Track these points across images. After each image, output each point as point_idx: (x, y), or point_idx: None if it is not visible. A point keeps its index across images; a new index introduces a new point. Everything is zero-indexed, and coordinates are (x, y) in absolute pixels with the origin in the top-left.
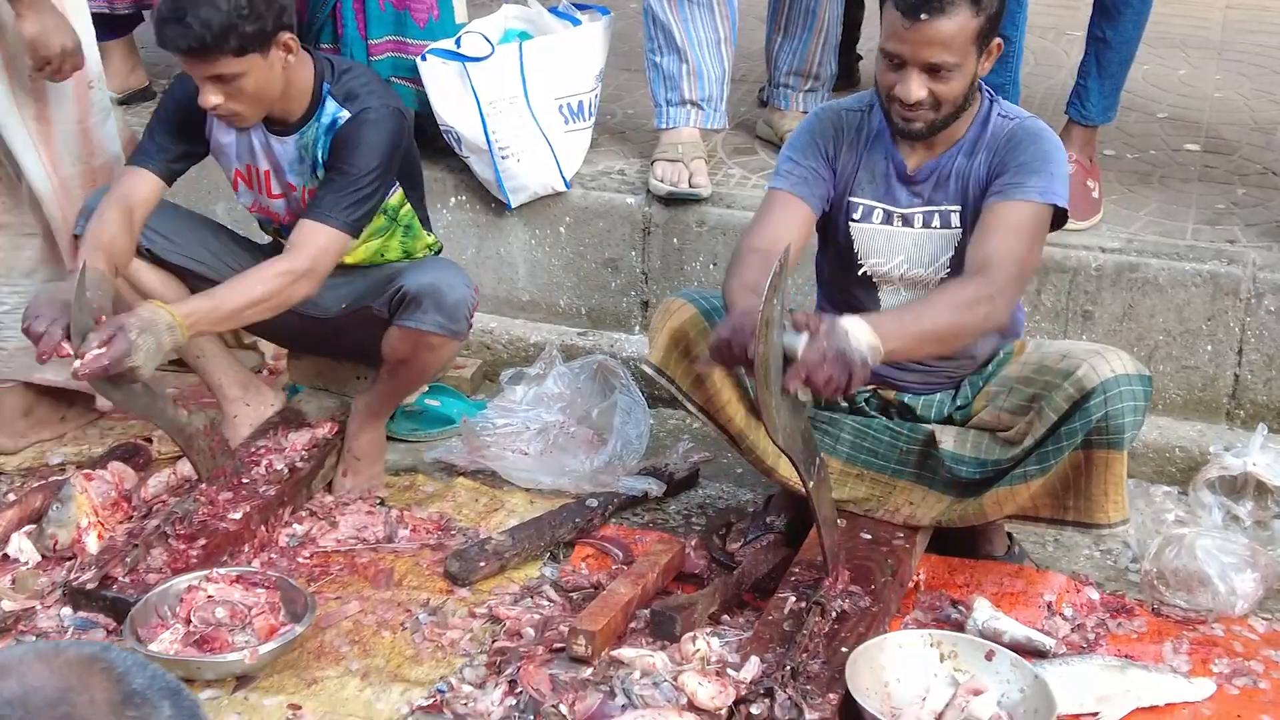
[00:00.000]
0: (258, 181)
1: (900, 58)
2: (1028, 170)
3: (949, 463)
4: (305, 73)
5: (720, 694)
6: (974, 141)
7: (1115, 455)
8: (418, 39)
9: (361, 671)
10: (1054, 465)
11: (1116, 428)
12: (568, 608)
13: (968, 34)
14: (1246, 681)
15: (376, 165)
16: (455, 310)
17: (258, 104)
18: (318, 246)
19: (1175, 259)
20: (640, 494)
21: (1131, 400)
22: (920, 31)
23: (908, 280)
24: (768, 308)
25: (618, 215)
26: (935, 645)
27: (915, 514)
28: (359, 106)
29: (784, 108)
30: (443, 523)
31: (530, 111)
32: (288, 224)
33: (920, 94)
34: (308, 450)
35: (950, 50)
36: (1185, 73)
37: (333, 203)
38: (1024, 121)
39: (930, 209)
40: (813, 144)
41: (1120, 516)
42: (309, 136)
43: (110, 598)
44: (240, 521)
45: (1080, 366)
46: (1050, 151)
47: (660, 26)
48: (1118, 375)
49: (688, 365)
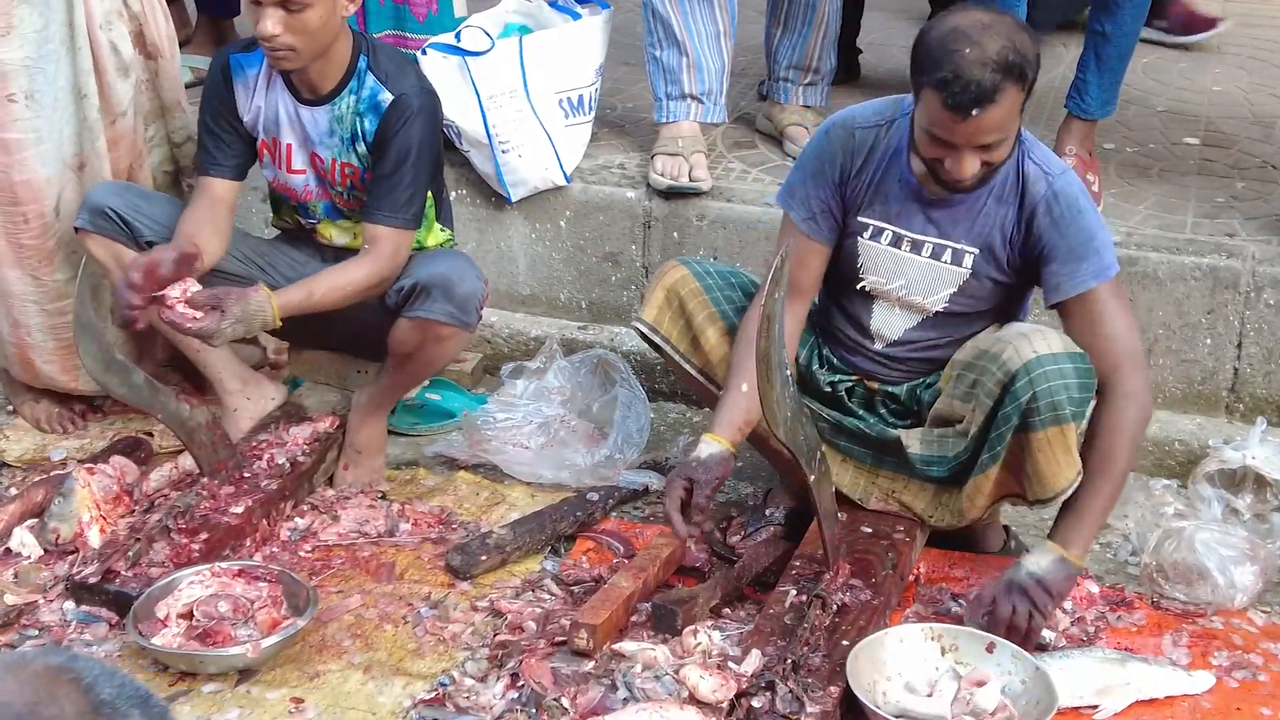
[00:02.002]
0: (279, 155)
1: (950, 143)
2: (1078, 257)
3: (919, 465)
4: (347, 40)
5: (721, 687)
6: (1007, 184)
7: (1056, 431)
8: (417, 33)
9: (364, 665)
10: (1001, 451)
11: (1049, 405)
12: (569, 601)
13: (1017, 107)
14: (1246, 674)
15: (427, 155)
16: (466, 301)
17: (312, 43)
18: (393, 247)
19: (1174, 253)
20: (641, 488)
21: (1060, 379)
22: (974, 125)
23: (904, 303)
24: (769, 302)
25: (618, 209)
26: (936, 639)
27: (905, 500)
28: (398, 89)
29: (784, 102)
30: (444, 516)
31: (530, 106)
32: (305, 202)
33: (975, 169)
34: (309, 444)
35: (1002, 130)
36: (1184, 66)
37: (391, 202)
38: (1055, 183)
39: (944, 242)
40: (821, 170)
41: (1074, 471)
42: (343, 107)
43: (113, 592)
44: (242, 516)
45: (1005, 350)
46: (1091, 224)
47: (660, 20)
48: (1040, 355)
49: (683, 325)
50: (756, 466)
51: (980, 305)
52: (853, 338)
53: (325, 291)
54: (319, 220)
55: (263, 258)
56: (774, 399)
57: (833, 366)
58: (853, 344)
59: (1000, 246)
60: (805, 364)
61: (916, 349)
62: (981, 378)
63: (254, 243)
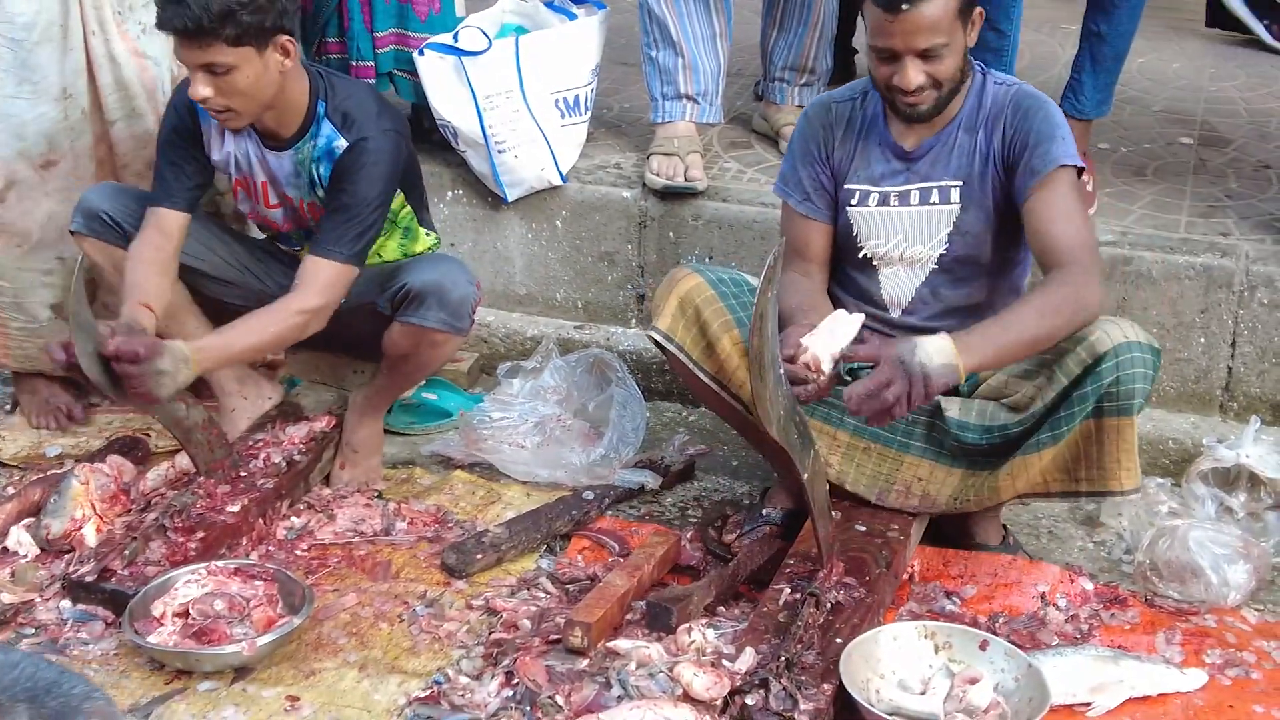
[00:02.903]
0: (255, 191)
1: (891, 50)
2: (1047, 139)
3: (954, 429)
4: (301, 87)
5: (715, 685)
6: (973, 113)
7: (1126, 422)
8: (419, 32)
9: (359, 663)
10: (1066, 433)
11: (1127, 393)
12: (564, 600)
13: (951, 11)
14: (1238, 672)
15: (377, 196)
16: (459, 307)
17: (250, 103)
18: (326, 282)
19: (1169, 252)
20: (636, 487)
21: (1142, 367)
22: (905, 22)
23: (907, 259)
24: (762, 300)
25: (614, 209)
26: (929, 636)
27: (929, 491)
28: (356, 135)
29: (779, 102)
30: (440, 515)
31: (526, 106)
32: (286, 231)
33: (919, 79)
34: (305, 443)
35: (938, 32)
36: (1179, 65)
37: (336, 238)
38: (1021, 87)
39: (928, 185)
40: (807, 150)
41: (1133, 484)
42: (305, 153)
43: (109, 590)
44: (238, 514)
45: (1094, 332)
46: (1055, 114)
47: (656, 21)
48: (1130, 341)
49: (697, 332)
50: (753, 466)
51: (980, 248)
52: (869, 314)
53: (245, 343)
54: (300, 247)
55: (257, 263)
56: (767, 397)
57: None
58: (870, 321)
59: (980, 171)
60: None
61: (932, 313)
62: (1059, 357)
63: (248, 247)
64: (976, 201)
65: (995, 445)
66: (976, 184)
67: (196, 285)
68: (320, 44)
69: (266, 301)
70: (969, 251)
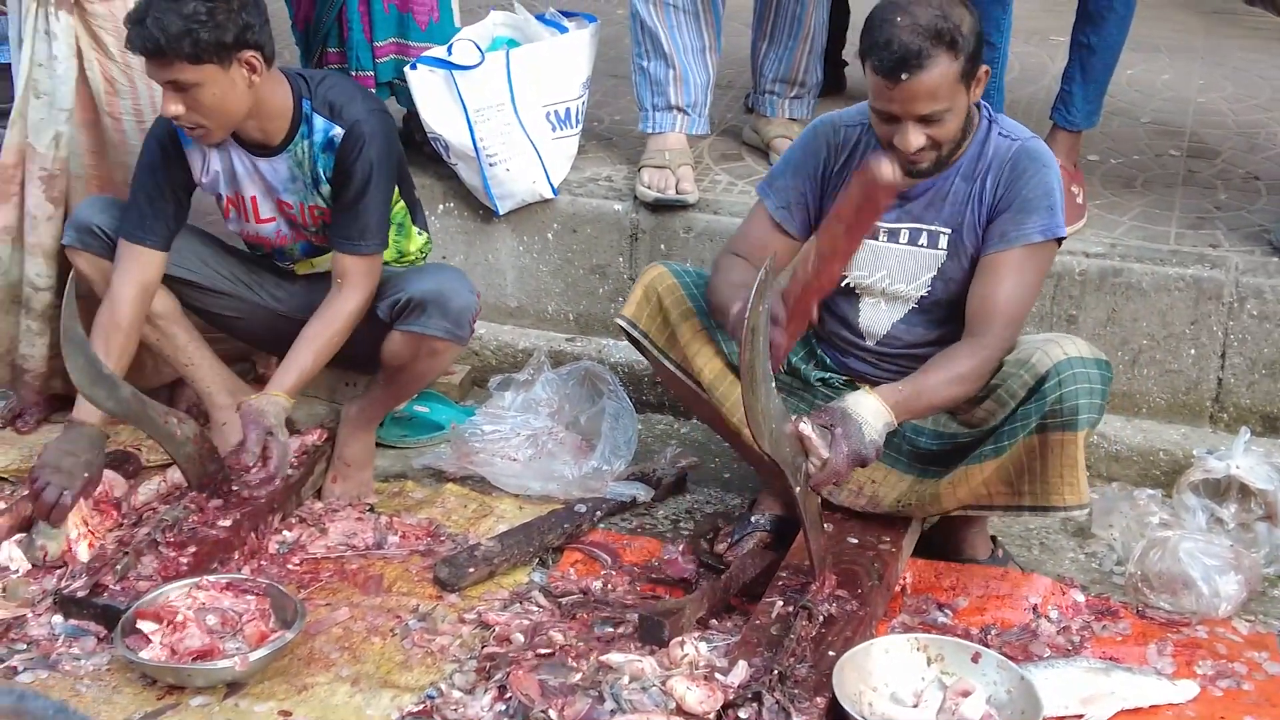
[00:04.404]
0: (245, 208)
1: (890, 114)
2: (1029, 209)
3: (909, 434)
4: (281, 94)
5: (708, 698)
6: (973, 162)
7: (1070, 437)
8: (419, 41)
9: (351, 678)
10: (1009, 447)
11: (1071, 409)
12: (556, 613)
13: (951, 78)
14: (1230, 683)
15: (384, 179)
16: (460, 316)
17: (220, 118)
18: (362, 275)
19: (1159, 263)
20: (629, 499)
21: (1086, 382)
22: (905, 90)
23: (889, 294)
24: (754, 315)
25: (605, 222)
26: (922, 649)
27: (878, 494)
28: (348, 120)
29: (770, 115)
30: (432, 529)
31: (518, 119)
32: (280, 247)
33: (920, 142)
34: (297, 457)
35: (938, 99)
36: (1168, 77)
37: (359, 230)
38: (1026, 144)
39: (918, 227)
40: (804, 163)
41: (1077, 500)
42: (300, 153)
43: (101, 605)
44: (230, 529)
45: (1034, 354)
46: (1051, 182)
47: (648, 32)
48: (1070, 358)
49: (661, 321)
50: (744, 478)
51: (961, 294)
52: (845, 338)
53: (315, 358)
54: (296, 261)
55: (249, 274)
56: (759, 411)
57: (824, 365)
58: (845, 345)
59: (970, 220)
60: (796, 362)
61: (906, 345)
62: (1006, 381)
63: (240, 258)
64: (962, 250)
65: (946, 451)
66: (965, 233)
67: (187, 297)
68: (321, 54)
69: (259, 313)
70: (950, 296)
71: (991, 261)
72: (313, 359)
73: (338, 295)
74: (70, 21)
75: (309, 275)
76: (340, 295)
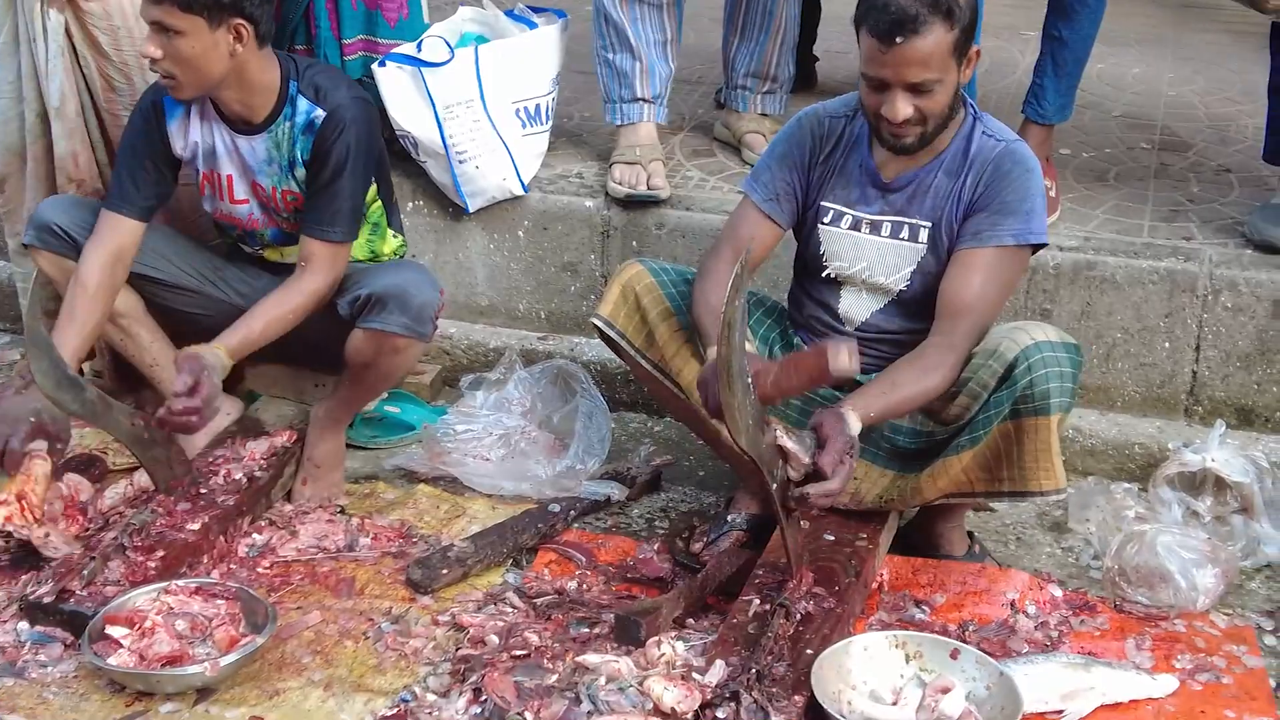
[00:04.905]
0: (219, 186)
1: (882, 80)
2: (1007, 211)
3: (887, 432)
4: (271, 72)
5: (686, 698)
6: (957, 158)
7: (1043, 422)
8: (388, 38)
9: (324, 682)
10: (984, 436)
11: (1041, 394)
12: (531, 614)
13: (945, 48)
14: (1209, 677)
15: (361, 167)
16: (421, 312)
17: (192, 74)
18: (327, 262)
19: (1132, 256)
20: (603, 498)
21: (1056, 366)
22: (898, 54)
23: (870, 285)
24: (729, 309)
25: (576, 219)
26: (900, 646)
27: (860, 490)
28: (331, 104)
29: (741, 109)
30: (404, 530)
31: (487, 115)
32: (249, 231)
33: (907, 112)
34: (266, 459)
35: (930, 68)
36: (1139, 71)
37: (330, 217)
38: (1010, 146)
39: (900, 219)
40: (789, 154)
41: (1053, 485)
42: (280, 134)
43: (68, 611)
44: (199, 532)
45: (1002, 343)
46: (1031, 188)
47: (612, 25)
48: (1038, 342)
49: (639, 320)
50: (719, 475)
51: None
52: (825, 321)
53: (265, 327)
54: (265, 247)
55: (215, 272)
56: (735, 407)
57: None
58: (825, 330)
59: (950, 216)
60: (773, 353)
61: (884, 333)
62: (976, 373)
63: (206, 256)
64: (941, 246)
65: (923, 448)
66: (944, 229)
67: (151, 294)
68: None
69: (225, 310)
70: (929, 291)
71: (963, 257)
72: (261, 327)
73: (299, 276)
74: (60, 20)
75: (277, 272)
76: (302, 277)
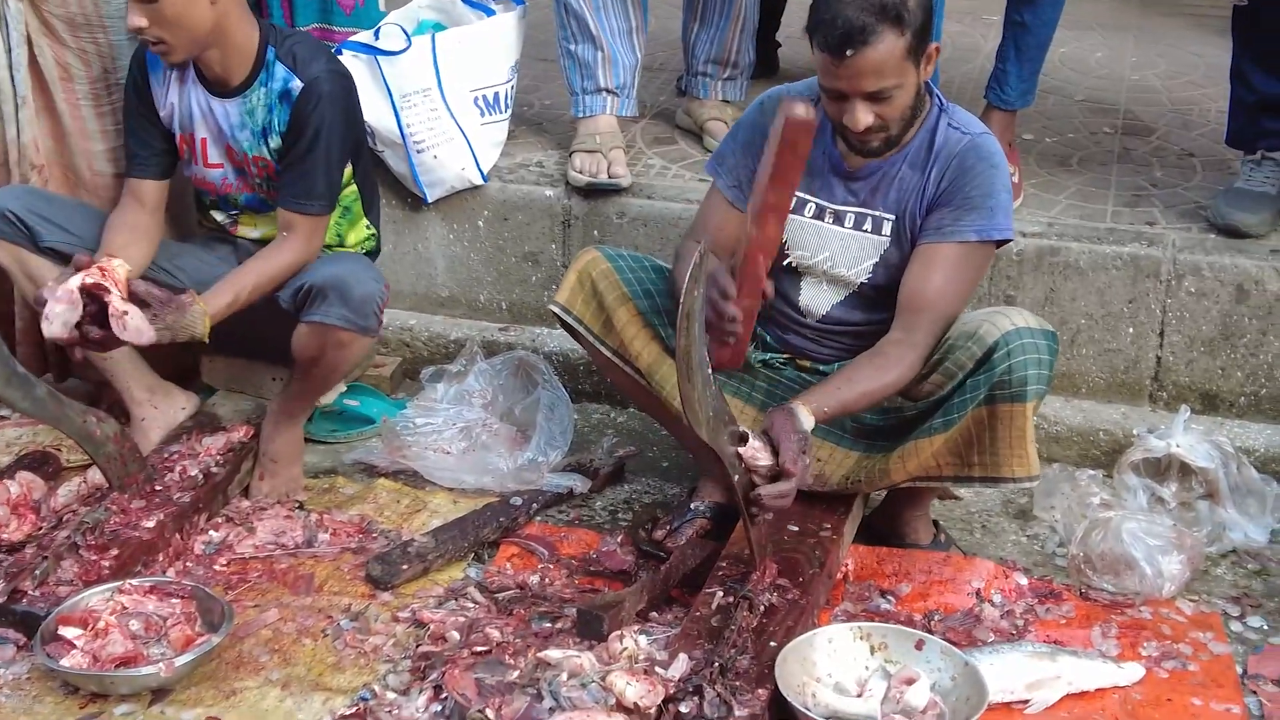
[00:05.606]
0: (194, 150)
1: (839, 91)
2: (970, 206)
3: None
4: (249, 32)
5: (649, 693)
6: (921, 151)
7: (1019, 408)
8: (344, 25)
9: (282, 681)
10: (958, 420)
11: (1019, 380)
12: (493, 609)
13: (898, 54)
14: (1175, 664)
15: (337, 141)
16: (363, 305)
17: (181, 33)
18: (304, 234)
19: (1095, 242)
20: (565, 491)
21: (1035, 353)
22: (851, 66)
23: (830, 276)
24: (688, 299)
25: (537, 208)
26: (865, 638)
27: (825, 471)
28: (309, 75)
29: (703, 96)
30: (363, 525)
31: (445, 104)
32: (224, 195)
33: (868, 120)
34: (223, 455)
35: (885, 75)
36: (1101, 55)
37: (306, 189)
38: (976, 139)
39: (864, 211)
40: (752, 141)
41: (1026, 472)
42: (254, 100)
43: (20, 612)
44: (154, 530)
45: (981, 326)
46: (996, 183)
47: (574, 15)
48: (1019, 328)
49: (596, 306)
50: (683, 467)
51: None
52: (787, 314)
53: (252, 289)
54: (240, 212)
55: (170, 260)
56: (695, 398)
57: (765, 345)
58: (786, 321)
59: (913, 209)
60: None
61: (845, 324)
62: (953, 353)
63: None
64: (904, 238)
65: (892, 426)
66: (907, 222)
67: None
68: None
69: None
70: (891, 283)
71: (925, 252)
72: (252, 283)
73: (281, 243)
74: (19, 9)
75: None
76: (283, 244)
